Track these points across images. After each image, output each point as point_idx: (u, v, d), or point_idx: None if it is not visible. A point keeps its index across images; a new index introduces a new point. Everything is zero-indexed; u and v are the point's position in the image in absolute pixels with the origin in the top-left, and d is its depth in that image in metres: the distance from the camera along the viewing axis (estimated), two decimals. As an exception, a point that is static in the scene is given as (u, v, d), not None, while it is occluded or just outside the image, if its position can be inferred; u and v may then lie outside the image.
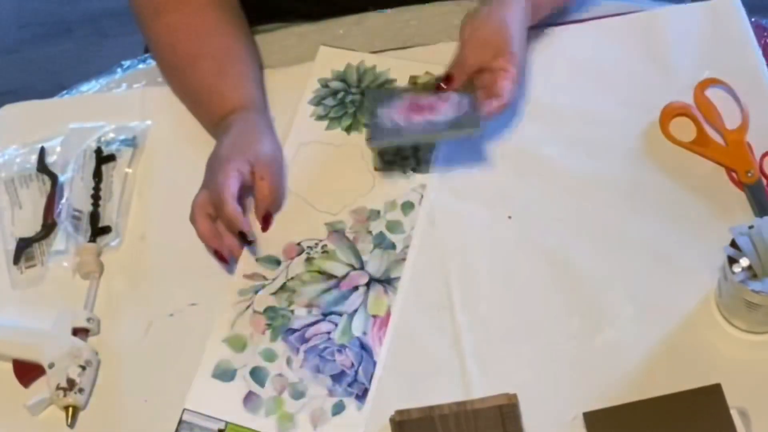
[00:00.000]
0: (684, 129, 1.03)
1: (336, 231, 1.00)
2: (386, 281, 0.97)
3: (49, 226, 1.04)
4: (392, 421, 0.88)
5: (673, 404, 0.85)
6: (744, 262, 0.86)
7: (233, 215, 0.93)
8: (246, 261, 0.99)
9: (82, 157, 1.07)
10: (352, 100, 1.09)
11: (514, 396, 0.87)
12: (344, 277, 0.97)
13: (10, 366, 0.95)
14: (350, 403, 0.91)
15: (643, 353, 0.91)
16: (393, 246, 0.99)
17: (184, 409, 0.91)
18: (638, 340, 0.91)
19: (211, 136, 1.05)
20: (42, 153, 1.09)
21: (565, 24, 1.13)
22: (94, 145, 1.08)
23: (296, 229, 1.01)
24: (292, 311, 0.96)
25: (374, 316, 0.95)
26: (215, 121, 1.05)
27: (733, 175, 1.00)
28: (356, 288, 0.97)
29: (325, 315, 0.95)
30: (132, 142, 1.09)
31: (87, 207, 1.04)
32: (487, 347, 0.93)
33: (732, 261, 0.86)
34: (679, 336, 0.91)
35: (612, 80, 1.08)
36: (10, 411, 0.93)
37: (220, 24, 1.09)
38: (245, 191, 0.99)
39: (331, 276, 0.98)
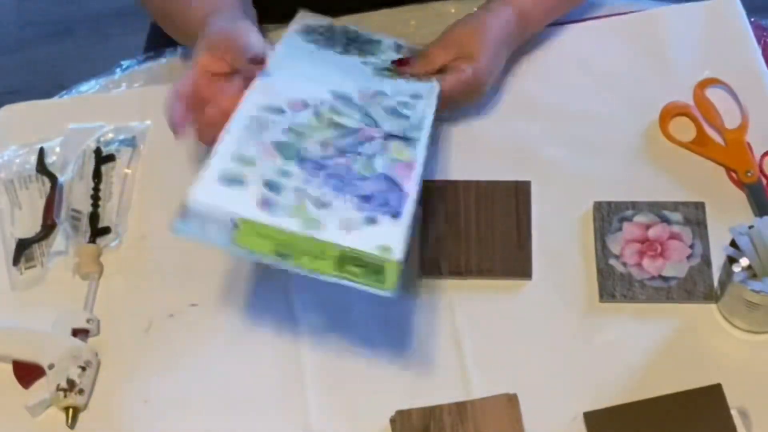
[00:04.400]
0: (684, 129, 1.03)
1: (342, 96, 0.90)
2: (405, 138, 0.87)
3: (48, 227, 1.04)
4: (392, 421, 0.88)
5: (673, 404, 0.85)
6: (744, 262, 0.86)
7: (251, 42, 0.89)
8: (250, 105, 0.85)
9: (82, 157, 1.07)
10: (340, 38, 1.03)
11: (514, 396, 0.87)
12: (359, 129, 0.86)
13: (10, 367, 0.95)
14: (383, 218, 0.77)
15: (643, 353, 0.91)
16: (407, 118, 0.89)
17: (185, 207, 0.78)
18: (638, 340, 0.91)
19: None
20: (41, 153, 1.09)
21: (565, 24, 1.13)
22: (93, 146, 1.08)
23: (298, 86, 0.90)
24: (305, 148, 0.82)
25: (398, 161, 0.83)
26: (194, 31, 0.97)
27: (733, 175, 1.00)
28: (373, 138, 0.85)
29: (341, 152, 0.82)
30: (131, 143, 1.09)
31: (86, 207, 1.04)
32: (487, 347, 0.93)
33: (732, 261, 0.86)
34: (679, 336, 0.91)
35: (612, 80, 1.08)
36: (10, 412, 0.93)
37: None
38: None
39: (343, 126, 0.86)
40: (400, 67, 1.00)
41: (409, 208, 0.78)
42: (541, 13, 1.07)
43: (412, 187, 0.80)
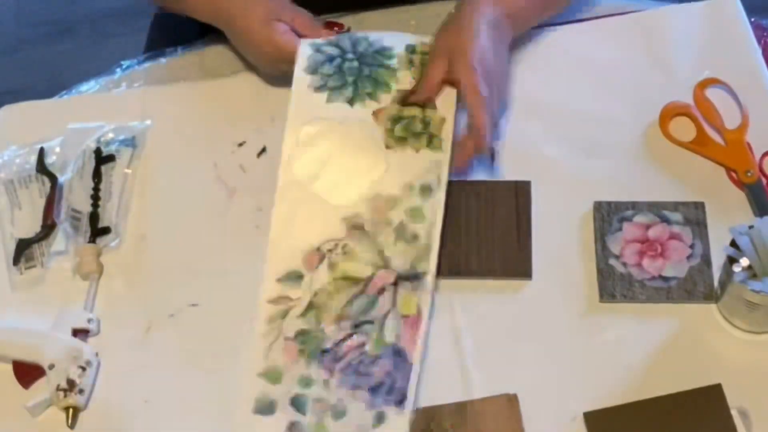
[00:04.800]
0: (684, 129, 1.03)
1: (354, 227, 0.96)
2: (413, 277, 0.93)
3: (48, 227, 1.04)
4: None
5: (673, 404, 0.85)
6: (744, 262, 0.86)
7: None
8: (268, 285, 0.95)
9: (82, 157, 1.07)
10: (350, 68, 1.03)
11: (514, 396, 0.87)
12: (370, 279, 0.94)
13: (10, 367, 0.95)
14: (390, 410, 0.88)
15: (643, 353, 0.91)
16: (415, 237, 0.95)
17: None
18: (638, 340, 0.91)
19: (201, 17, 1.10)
20: (41, 154, 1.09)
21: (565, 24, 1.13)
22: (93, 146, 1.08)
23: (314, 230, 0.96)
24: (322, 330, 0.92)
25: (405, 317, 0.92)
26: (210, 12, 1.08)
27: (733, 175, 0.99)
28: (383, 290, 0.93)
29: (356, 326, 0.92)
30: (131, 143, 1.09)
31: (86, 207, 1.04)
32: (487, 347, 0.93)
33: (732, 261, 0.86)
34: (679, 336, 0.91)
35: (612, 80, 1.08)
36: (10, 412, 0.93)
37: None
38: None
39: (356, 280, 0.94)
40: (408, 103, 1.00)
41: (413, 382, 0.90)
42: (531, 5, 1.06)
43: (417, 352, 0.91)
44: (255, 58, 1.08)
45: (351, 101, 1.02)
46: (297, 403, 0.90)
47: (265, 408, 0.90)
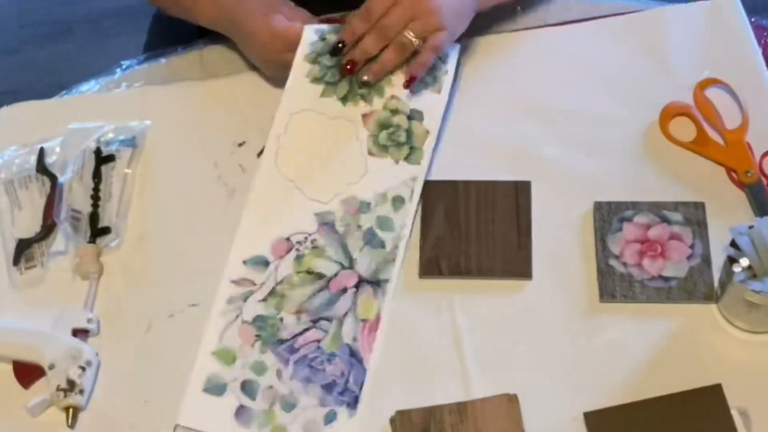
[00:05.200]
0: (684, 129, 1.03)
1: (326, 223, 0.98)
2: (376, 283, 0.95)
3: (48, 227, 1.04)
4: (392, 421, 0.88)
5: (673, 404, 0.85)
6: (744, 262, 0.86)
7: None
8: (233, 266, 0.97)
9: (82, 157, 1.07)
10: None
11: (514, 396, 0.87)
12: (333, 276, 0.96)
13: (10, 367, 0.95)
14: (342, 411, 0.90)
15: (643, 353, 0.91)
16: (383, 245, 0.97)
17: (176, 425, 0.91)
18: (638, 340, 0.91)
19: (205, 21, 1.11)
20: (41, 154, 1.09)
21: (565, 24, 1.13)
22: (93, 146, 1.08)
23: (285, 220, 0.99)
24: (281, 319, 0.94)
25: (364, 321, 0.94)
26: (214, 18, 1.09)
27: (733, 175, 1.00)
28: (345, 290, 0.95)
29: (314, 321, 0.94)
30: (131, 143, 1.09)
31: (86, 207, 1.04)
32: (487, 347, 0.93)
33: (732, 261, 0.86)
34: (679, 336, 0.91)
35: (612, 80, 1.08)
36: (11, 412, 0.93)
37: None
38: None
39: (320, 276, 0.96)
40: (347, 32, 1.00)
41: (366, 386, 0.91)
42: None
43: (371, 357, 0.92)
44: (258, 53, 1.07)
45: (344, 99, 1.02)
46: (247, 389, 0.91)
47: (216, 388, 0.92)
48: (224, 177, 1.06)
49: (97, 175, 1.06)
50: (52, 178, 1.07)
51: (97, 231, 1.03)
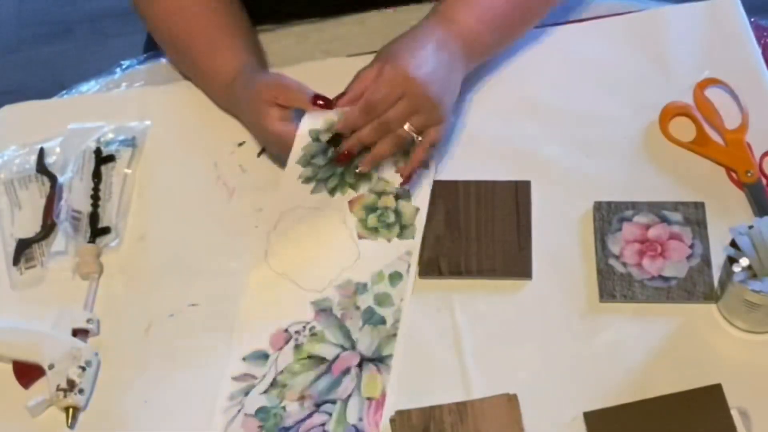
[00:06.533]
0: (684, 129, 1.03)
1: (323, 310, 0.96)
2: (378, 359, 0.93)
3: (48, 227, 1.04)
4: (392, 421, 0.88)
5: (673, 404, 0.85)
6: (744, 262, 0.86)
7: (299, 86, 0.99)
8: (233, 363, 0.94)
9: (82, 157, 1.07)
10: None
11: (514, 396, 0.87)
12: (335, 359, 0.93)
13: (10, 367, 0.95)
14: None
15: (643, 353, 0.91)
16: (383, 321, 0.94)
17: None
18: (638, 340, 0.91)
19: (219, 107, 1.09)
20: (41, 154, 1.09)
21: (565, 24, 1.13)
22: (93, 146, 1.08)
23: (282, 312, 0.96)
24: (284, 408, 0.91)
25: (369, 399, 0.91)
26: (219, 94, 1.09)
27: (733, 175, 1.00)
28: (348, 371, 0.92)
29: (318, 405, 0.91)
30: (131, 143, 1.09)
31: (86, 207, 1.04)
32: (487, 347, 0.93)
33: (732, 261, 0.86)
34: (679, 336, 0.91)
35: (612, 80, 1.08)
36: (10, 412, 0.93)
37: (210, 2, 1.09)
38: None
39: (321, 360, 0.93)
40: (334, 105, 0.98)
41: None
42: (486, 29, 1.02)
43: None
44: (269, 149, 1.06)
45: (332, 191, 1.01)
46: None
47: None
48: (224, 177, 1.06)
49: (97, 175, 1.06)
50: (52, 178, 1.07)
51: (97, 231, 1.03)
